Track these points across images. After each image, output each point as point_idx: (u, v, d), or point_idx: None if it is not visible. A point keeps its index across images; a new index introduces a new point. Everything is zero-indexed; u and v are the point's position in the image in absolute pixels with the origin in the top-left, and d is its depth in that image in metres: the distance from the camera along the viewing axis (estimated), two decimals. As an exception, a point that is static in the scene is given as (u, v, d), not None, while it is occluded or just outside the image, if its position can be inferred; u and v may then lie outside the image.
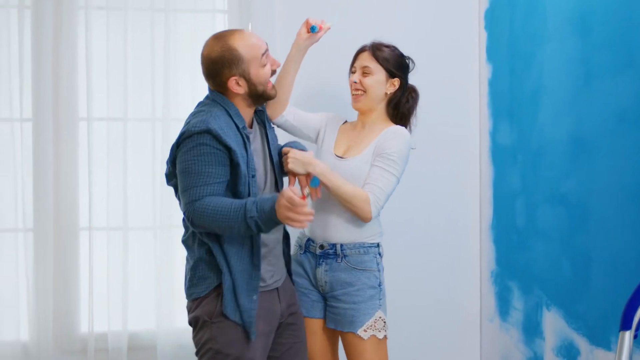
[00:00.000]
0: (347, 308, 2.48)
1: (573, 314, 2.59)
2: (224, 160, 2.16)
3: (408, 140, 2.56)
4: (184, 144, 2.17)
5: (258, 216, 2.09)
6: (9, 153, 2.96)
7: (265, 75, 2.28)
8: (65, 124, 3.01)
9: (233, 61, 2.22)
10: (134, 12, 3.04)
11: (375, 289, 2.51)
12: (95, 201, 3.01)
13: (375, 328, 2.48)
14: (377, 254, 2.56)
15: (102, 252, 3.03)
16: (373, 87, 2.56)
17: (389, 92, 2.59)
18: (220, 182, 2.16)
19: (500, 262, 3.16)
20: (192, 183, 2.15)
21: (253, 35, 2.29)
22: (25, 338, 3.00)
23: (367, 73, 2.56)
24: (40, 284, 2.98)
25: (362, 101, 2.58)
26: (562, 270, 2.66)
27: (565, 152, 2.64)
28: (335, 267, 2.50)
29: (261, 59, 2.25)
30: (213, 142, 2.14)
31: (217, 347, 2.19)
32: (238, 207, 2.11)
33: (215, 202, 2.13)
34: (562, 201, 2.66)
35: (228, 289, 2.19)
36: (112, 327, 3.03)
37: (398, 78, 2.59)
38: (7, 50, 2.96)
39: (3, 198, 2.97)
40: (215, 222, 2.13)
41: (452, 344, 3.31)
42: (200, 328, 2.23)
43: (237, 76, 2.23)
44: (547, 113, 2.77)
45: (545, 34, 2.77)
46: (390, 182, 2.47)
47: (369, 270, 2.52)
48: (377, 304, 2.50)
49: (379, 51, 2.57)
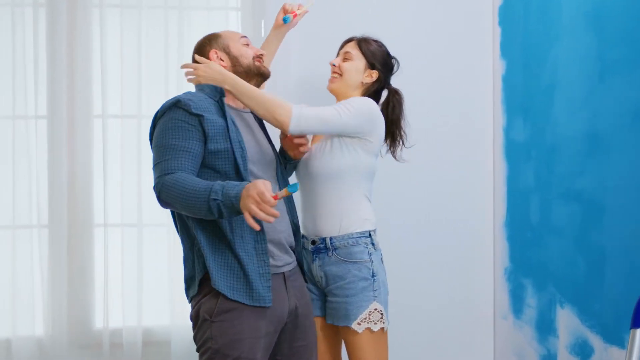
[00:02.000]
0: (341, 302, 2.44)
1: (587, 312, 2.57)
2: (195, 134, 2.14)
3: (371, 104, 2.49)
4: (158, 123, 2.19)
5: (222, 200, 2.00)
6: (24, 150, 2.99)
7: (247, 51, 2.36)
8: (79, 121, 3.03)
9: (212, 39, 2.38)
10: (147, 10, 3.06)
11: (368, 280, 2.44)
12: (110, 198, 3.03)
13: (370, 320, 2.42)
14: (369, 244, 2.48)
15: (116, 249, 3.04)
16: (349, 72, 2.56)
17: (365, 81, 2.58)
18: (191, 155, 2.11)
19: (514, 259, 3.15)
20: (162, 157, 2.11)
21: (233, 30, 2.46)
22: (40, 333, 3.02)
23: (347, 58, 2.57)
24: (55, 280, 3.01)
25: (335, 83, 2.58)
26: (576, 267, 2.64)
27: (579, 149, 2.62)
28: (327, 262, 2.47)
29: (240, 39, 2.37)
30: (183, 115, 2.14)
31: (217, 346, 2.13)
32: (205, 186, 2.02)
33: (184, 178, 2.06)
34: (576, 198, 2.64)
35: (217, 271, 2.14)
36: (126, 322, 3.04)
37: (377, 71, 2.58)
38: (22, 48, 2.98)
39: (18, 195, 2.99)
40: (180, 200, 2.05)
41: (466, 342, 3.30)
42: (200, 326, 2.18)
43: (218, 50, 2.35)
44: (561, 109, 2.75)
45: (559, 30, 2.76)
46: (329, 113, 2.39)
47: (360, 261, 2.45)
48: (371, 295, 2.43)
49: (364, 42, 2.59)
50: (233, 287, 2.15)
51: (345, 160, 2.45)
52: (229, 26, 3.13)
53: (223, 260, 2.17)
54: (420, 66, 3.24)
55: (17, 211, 3.00)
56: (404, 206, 3.24)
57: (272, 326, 2.21)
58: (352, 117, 2.41)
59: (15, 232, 3.00)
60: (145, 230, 3.03)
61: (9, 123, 2.99)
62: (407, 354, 3.25)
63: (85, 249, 3.05)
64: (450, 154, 3.28)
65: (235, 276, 2.16)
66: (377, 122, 2.49)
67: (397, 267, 3.09)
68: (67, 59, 3.00)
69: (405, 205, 3.25)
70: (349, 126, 2.42)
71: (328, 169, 2.45)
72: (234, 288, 2.15)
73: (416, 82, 3.23)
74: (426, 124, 3.25)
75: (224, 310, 2.15)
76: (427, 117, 3.25)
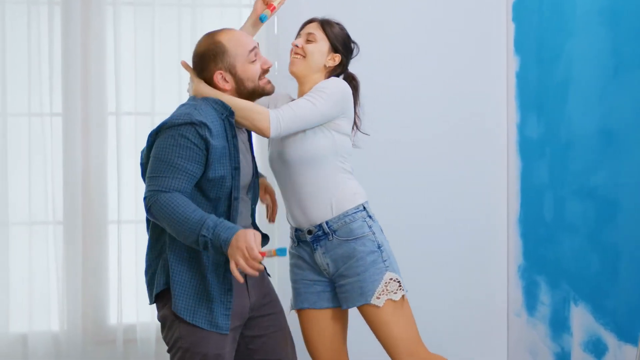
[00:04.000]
0: (354, 281, 2.37)
1: (601, 309, 2.56)
2: (199, 157, 2.11)
3: (341, 83, 2.43)
4: (164, 132, 2.13)
5: (211, 239, 2.02)
6: (39, 147, 3.02)
7: (254, 71, 2.25)
8: (94, 118, 3.05)
9: (218, 54, 2.22)
10: (161, 8, 3.07)
11: (375, 252, 2.38)
12: (124, 194, 3.06)
13: (389, 291, 2.36)
14: (366, 217, 2.42)
15: (130, 245, 3.07)
16: (313, 54, 2.46)
17: (328, 64, 2.49)
18: (190, 178, 2.11)
19: (527, 256, 3.13)
20: (162, 172, 2.09)
21: (242, 34, 2.30)
22: (55, 329, 3.06)
23: (311, 40, 2.47)
24: (70, 276, 3.04)
25: (298, 65, 2.47)
26: (590, 264, 2.63)
27: (593, 145, 2.60)
28: (329, 247, 2.40)
29: (248, 55, 2.23)
30: (194, 135, 2.10)
31: (186, 345, 2.16)
32: (198, 219, 2.03)
33: (179, 202, 2.06)
34: (590, 194, 2.62)
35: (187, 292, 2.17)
36: (140, 318, 3.07)
37: (340, 55, 2.50)
38: (38, 46, 3.01)
39: (34, 191, 3.02)
40: (170, 222, 2.06)
41: (479, 339, 3.29)
42: (169, 327, 2.20)
43: (223, 70, 2.22)
44: (575, 105, 2.74)
45: (573, 26, 2.74)
46: (305, 107, 2.32)
47: (362, 236, 2.39)
48: (383, 267, 2.37)
49: (328, 25, 2.50)
50: (194, 311, 2.17)
51: (321, 143, 2.38)
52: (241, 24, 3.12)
53: (187, 276, 2.17)
54: (433, 63, 3.23)
55: (32, 208, 3.03)
56: (418, 203, 3.24)
57: (237, 321, 2.24)
58: (327, 103, 2.34)
59: (31, 229, 3.04)
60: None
61: (25, 120, 3.03)
62: (420, 351, 3.25)
63: (100, 245, 3.08)
64: (464, 151, 3.27)
65: (196, 297, 2.17)
66: (350, 99, 2.44)
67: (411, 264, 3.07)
68: (81, 57, 3.03)
69: (419, 202, 3.24)
70: (328, 113, 2.35)
71: (305, 155, 2.38)
72: (195, 312, 2.17)
73: (430, 79, 3.23)
74: (440, 121, 3.24)
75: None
76: (441, 114, 3.24)
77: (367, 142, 3.16)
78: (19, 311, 3.03)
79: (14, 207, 3.02)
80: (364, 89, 3.00)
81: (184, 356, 2.18)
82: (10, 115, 3.01)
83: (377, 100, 3.17)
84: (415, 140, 3.23)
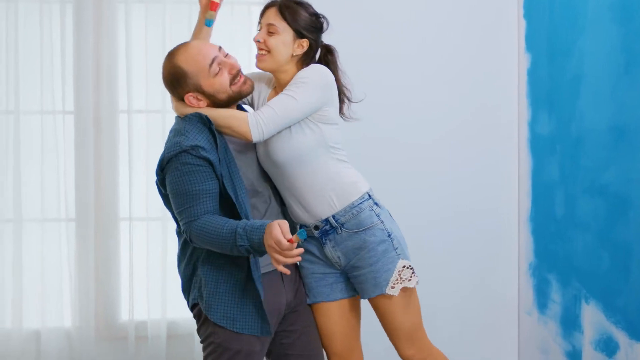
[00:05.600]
0: (367, 272, 2.31)
1: (612, 308, 2.55)
2: (208, 174, 2.12)
3: (322, 70, 2.30)
4: (166, 167, 2.14)
5: (249, 244, 2.04)
6: (51, 145, 3.04)
7: (221, 83, 2.18)
8: (105, 116, 3.07)
9: (179, 79, 2.18)
10: (172, 5, 3.09)
11: (386, 241, 2.31)
12: (135, 192, 3.08)
13: (403, 279, 2.31)
14: (373, 205, 2.33)
15: (141, 242, 3.09)
16: (278, 48, 2.30)
17: (295, 53, 2.32)
18: (210, 198, 2.13)
19: (538, 254, 3.12)
20: (185, 204, 2.12)
21: (196, 47, 2.20)
22: (68, 325, 3.08)
23: (272, 32, 2.30)
24: (82, 273, 3.06)
25: (266, 61, 2.32)
26: (601, 262, 2.61)
27: (605, 142, 2.59)
28: (339, 240, 2.33)
29: (210, 70, 2.16)
30: (193, 158, 2.10)
31: (219, 341, 2.19)
32: (228, 232, 2.05)
33: (209, 224, 2.09)
34: (601, 192, 2.61)
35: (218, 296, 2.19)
36: (151, 315, 3.09)
37: (307, 39, 2.33)
38: (50, 45, 3.03)
39: (46, 189, 3.05)
40: (211, 245, 2.10)
41: (490, 337, 3.28)
42: (203, 322, 2.23)
43: (192, 91, 2.18)
44: (586, 102, 2.72)
45: (585, 22, 2.72)
46: (286, 103, 2.21)
47: (371, 226, 2.31)
48: (395, 255, 2.31)
49: (287, 10, 2.31)
50: (233, 319, 2.19)
51: (308, 139, 2.28)
52: (251, 21, 3.14)
53: (222, 286, 2.19)
54: (444, 60, 3.23)
55: (45, 205, 3.05)
56: (429, 201, 3.23)
57: (273, 319, 2.25)
58: (309, 94, 2.23)
59: (44, 226, 3.06)
60: (169, 223, 3.06)
61: (37, 118, 3.05)
62: (431, 348, 3.25)
63: (111, 242, 3.10)
64: (475, 147, 3.26)
65: (232, 306, 2.19)
66: (333, 85, 2.32)
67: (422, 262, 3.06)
68: (93, 55, 3.05)
69: (430, 200, 3.24)
70: (311, 105, 2.25)
71: (293, 154, 2.27)
72: (234, 320, 2.19)
73: (441, 76, 3.22)
74: (451, 118, 3.23)
75: None
76: (452, 112, 3.23)
77: (377, 140, 3.19)
78: (32, 308, 3.06)
79: (27, 204, 3.05)
80: (373, 87, 3.02)
81: (215, 350, 2.20)
82: (23, 114, 3.04)
83: (387, 98, 3.17)
84: (426, 138, 3.23)
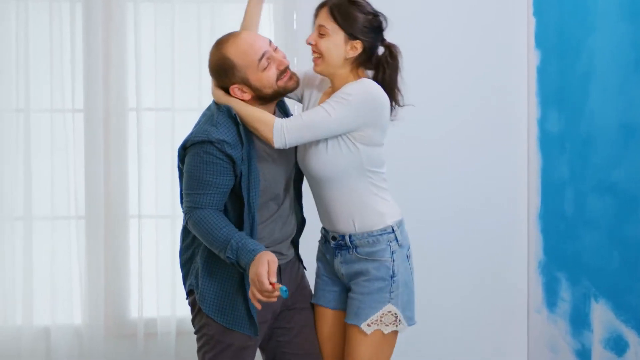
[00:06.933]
0: (355, 299, 2.25)
1: (622, 306, 2.53)
2: (226, 170, 2.13)
3: (369, 89, 2.17)
4: (190, 149, 2.15)
5: (235, 261, 2.07)
6: (61, 143, 3.06)
7: (268, 78, 2.15)
8: (115, 114, 3.09)
9: (227, 70, 2.16)
10: (181, 4, 3.09)
11: (385, 280, 2.22)
12: (144, 190, 3.09)
13: (382, 322, 2.22)
14: (393, 240, 2.24)
15: (151, 239, 3.10)
16: (329, 51, 2.19)
17: (349, 56, 2.21)
18: (220, 193, 2.14)
19: (548, 252, 3.11)
20: (194, 189, 2.14)
21: (247, 40, 2.17)
22: (78, 322, 3.10)
23: (323, 34, 2.20)
24: (92, 270, 3.08)
25: (320, 66, 2.23)
26: (610, 260, 2.60)
27: (614, 140, 2.57)
28: (348, 259, 2.27)
29: (259, 65, 2.14)
30: (216, 151, 2.11)
31: (211, 333, 2.21)
32: (223, 238, 2.08)
33: (209, 219, 2.11)
34: (611, 190, 2.60)
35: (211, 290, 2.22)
36: (161, 312, 3.10)
37: (360, 41, 2.20)
38: (60, 43, 3.05)
39: (56, 187, 3.07)
40: (202, 237, 2.13)
41: (499, 335, 3.28)
42: (197, 313, 2.25)
43: (238, 84, 2.16)
44: (596, 100, 2.71)
45: (594, 20, 2.71)
46: (318, 116, 2.12)
47: (379, 260, 2.22)
48: (387, 297, 2.21)
49: (338, 9, 2.19)
50: (221, 312, 2.21)
51: (345, 160, 2.18)
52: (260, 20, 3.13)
53: (215, 280, 2.21)
54: (454, 57, 3.22)
55: (55, 203, 3.07)
56: (438, 198, 3.23)
57: (268, 315, 2.25)
58: (345, 113, 2.12)
59: (54, 223, 3.08)
60: (178, 221, 3.07)
61: (47, 116, 3.07)
62: (441, 346, 3.24)
63: (121, 239, 3.12)
64: (485, 145, 3.25)
65: (223, 300, 2.21)
66: (382, 106, 2.19)
67: (430, 260, 3.08)
68: (102, 53, 3.06)
69: (440, 197, 3.23)
70: (345, 124, 2.13)
71: (327, 171, 2.20)
72: (222, 313, 2.21)
73: (450, 73, 3.21)
74: (460, 116, 3.22)
75: None
76: (461, 109, 3.22)
77: (386, 137, 3.17)
78: (42, 305, 3.08)
79: (37, 202, 3.07)
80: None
81: (208, 342, 2.23)
82: (33, 112, 3.05)
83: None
84: (435, 136, 3.22)
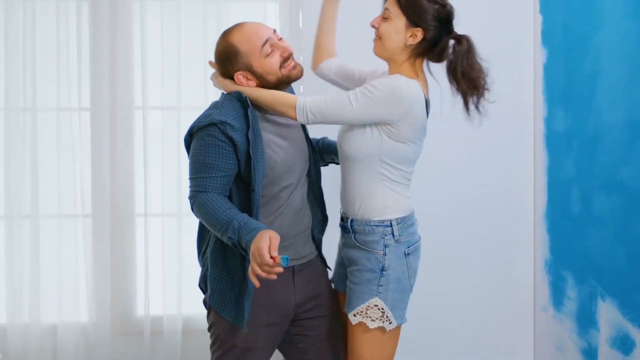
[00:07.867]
0: (348, 287, 2.26)
1: (628, 305, 2.52)
2: (230, 153, 2.14)
3: (399, 86, 2.14)
4: (195, 135, 2.17)
5: (237, 240, 2.05)
6: (68, 142, 3.07)
7: (272, 65, 2.19)
8: (121, 113, 3.10)
9: (231, 56, 2.20)
10: (187, 3, 3.10)
11: (375, 273, 2.20)
12: (150, 188, 3.10)
13: (367, 315, 2.19)
14: (388, 234, 2.22)
15: (157, 238, 3.11)
16: (389, 35, 2.19)
17: (409, 43, 2.18)
18: (224, 175, 2.14)
19: (554, 250, 3.10)
20: (199, 173, 2.15)
21: (252, 27, 2.21)
22: (84, 320, 3.11)
23: (386, 18, 2.20)
24: (98, 269, 3.09)
25: (377, 48, 2.24)
26: (617, 259, 2.59)
27: (621, 138, 2.56)
28: (347, 243, 2.28)
29: (262, 50, 2.17)
30: (219, 134, 2.12)
31: (218, 332, 2.24)
32: (225, 219, 2.07)
33: (213, 202, 2.11)
34: (618, 188, 2.59)
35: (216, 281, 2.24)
36: (167, 310, 3.11)
37: (421, 29, 2.18)
38: (66, 42, 3.06)
39: (63, 185, 3.08)
40: (205, 221, 2.14)
41: (506, 333, 3.27)
42: (209, 311, 2.30)
43: (242, 70, 2.20)
44: (603, 98, 2.70)
45: (601, 18, 2.69)
46: (341, 103, 2.13)
47: (371, 251, 2.22)
48: (374, 290, 2.19)
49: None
50: (223, 305, 2.23)
51: (367, 144, 2.18)
52: (267, 19, 3.15)
53: (222, 271, 2.23)
54: (459, 55, 3.20)
55: (61, 201, 3.08)
56: (444, 196, 3.22)
57: (276, 317, 2.25)
58: (366, 105, 2.12)
59: (60, 222, 3.09)
60: (184, 219, 3.08)
61: (54, 115, 3.08)
62: (447, 344, 3.24)
63: (127, 238, 3.13)
64: (491, 144, 3.24)
65: (226, 292, 2.22)
66: (404, 107, 2.15)
67: (436, 258, 3.07)
68: (108, 52, 3.07)
69: (445, 195, 3.23)
70: (366, 116, 2.14)
71: (350, 150, 2.22)
72: (224, 305, 2.23)
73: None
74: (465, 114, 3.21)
75: None
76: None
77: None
78: (48, 303, 3.09)
79: (44, 200, 3.08)
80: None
81: (216, 341, 2.27)
82: (40, 111, 3.06)
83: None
84: (441, 133, 3.20)
